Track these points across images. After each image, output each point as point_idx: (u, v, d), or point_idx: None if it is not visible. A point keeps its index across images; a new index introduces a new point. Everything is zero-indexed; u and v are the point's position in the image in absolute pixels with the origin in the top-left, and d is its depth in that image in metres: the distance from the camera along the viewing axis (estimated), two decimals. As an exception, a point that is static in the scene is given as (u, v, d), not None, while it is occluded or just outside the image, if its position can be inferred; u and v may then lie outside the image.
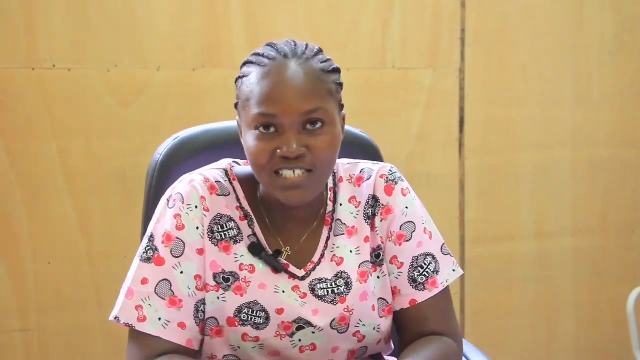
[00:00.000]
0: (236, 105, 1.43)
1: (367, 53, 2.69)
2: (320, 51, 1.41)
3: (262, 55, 1.37)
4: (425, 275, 1.49)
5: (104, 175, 2.46)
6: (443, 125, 2.79)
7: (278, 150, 1.33)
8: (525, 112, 2.87)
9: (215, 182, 1.45)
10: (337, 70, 1.41)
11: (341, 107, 1.43)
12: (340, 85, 1.42)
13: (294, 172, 1.34)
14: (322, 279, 1.44)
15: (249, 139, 1.36)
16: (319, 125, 1.34)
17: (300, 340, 1.41)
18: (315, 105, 1.33)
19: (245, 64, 1.41)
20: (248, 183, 1.48)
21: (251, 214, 1.46)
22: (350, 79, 2.64)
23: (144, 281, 1.37)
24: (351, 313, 1.43)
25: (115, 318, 1.37)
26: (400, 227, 1.49)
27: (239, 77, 1.41)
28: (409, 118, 2.75)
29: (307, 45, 1.40)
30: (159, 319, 1.36)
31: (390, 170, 1.53)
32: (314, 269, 1.45)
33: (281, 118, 1.32)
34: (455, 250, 2.84)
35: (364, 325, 1.44)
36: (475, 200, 2.85)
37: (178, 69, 2.50)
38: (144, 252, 1.39)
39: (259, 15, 2.56)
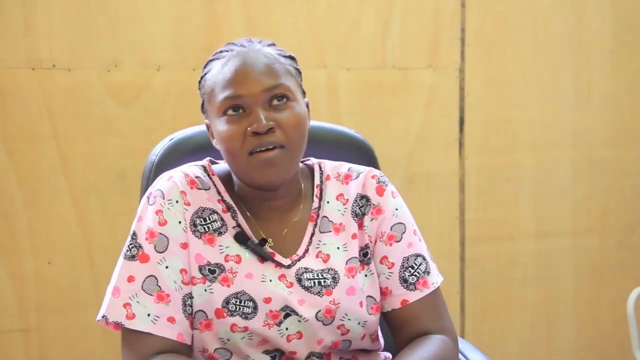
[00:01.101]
0: (202, 106, 1.48)
1: (367, 53, 2.69)
2: (273, 44, 1.49)
3: (221, 52, 1.46)
4: (416, 276, 1.49)
5: (104, 175, 2.46)
6: (443, 125, 2.79)
7: (249, 129, 1.37)
8: (525, 112, 2.86)
9: (195, 177, 1.48)
10: (292, 58, 1.48)
11: (303, 93, 1.49)
12: (299, 71, 1.48)
13: (267, 148, 1.37)
14: (308, 268, 1.45)
15: (220, 126, 1.40)
16: (284, 100, 1.40)
17: (287, 329, 1.42)
18: (276, 81, 1.40)
19: (205, 65, 1.48)
20: (226, 179, 1.51)
21: (233, 205, 1.48)
22: (350, 79, 2.66)
23: (130, 279, 1.38)
24: (337, 306, 1.43)
25: (103, 317, 1.37)
26: (391, 228, 1.51)
27: (201, 78, 1.48)
28: (409, 118, 2.75)
29: (261, 40, 1.48)
30: (148, 315, 1.37)
31: (380, 173, 1.57)
32: (299, 259, 1.46)
33: (247, 98, 1.38)
34: (455, 250, 2.85)
35: (349, 319, 1.44)
36: (475, 200, 2.85)
37: (178, 69, 2.50)
38: (127, 251, 1.41)
39: (259, 15, 2.57)
